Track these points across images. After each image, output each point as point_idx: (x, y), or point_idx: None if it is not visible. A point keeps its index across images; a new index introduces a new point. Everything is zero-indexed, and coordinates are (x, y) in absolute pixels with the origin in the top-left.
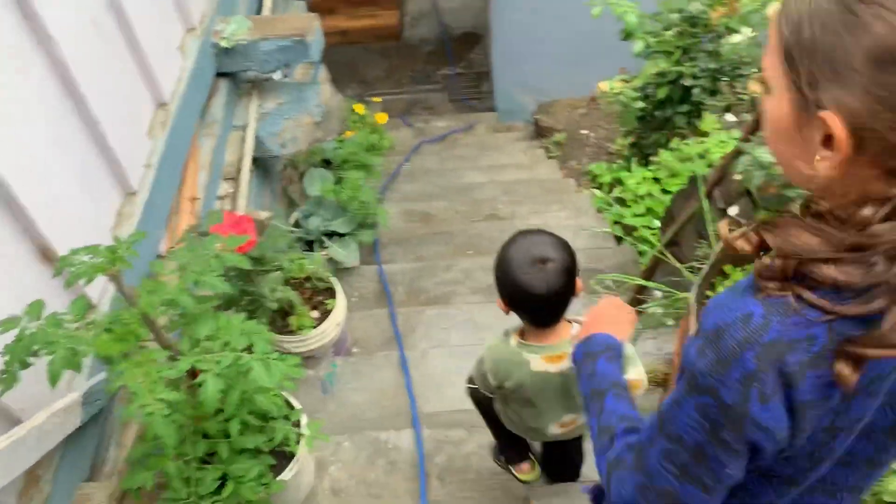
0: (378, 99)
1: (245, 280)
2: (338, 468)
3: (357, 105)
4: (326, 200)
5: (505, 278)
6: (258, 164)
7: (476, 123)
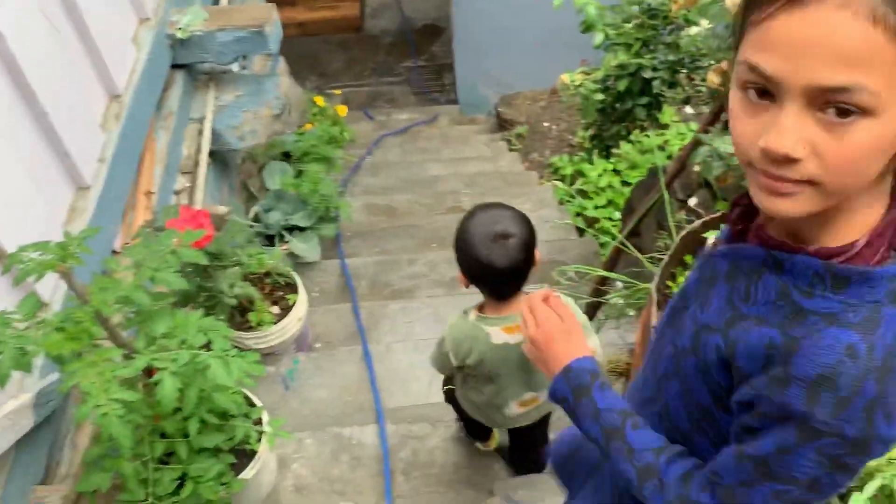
0: (338, 91)
1: (202, 276)
2: (300, 465)
3: (317, 97)
4: (286, 194)
5: (466, 254)
6: (216, 158)
7: (438, 116)
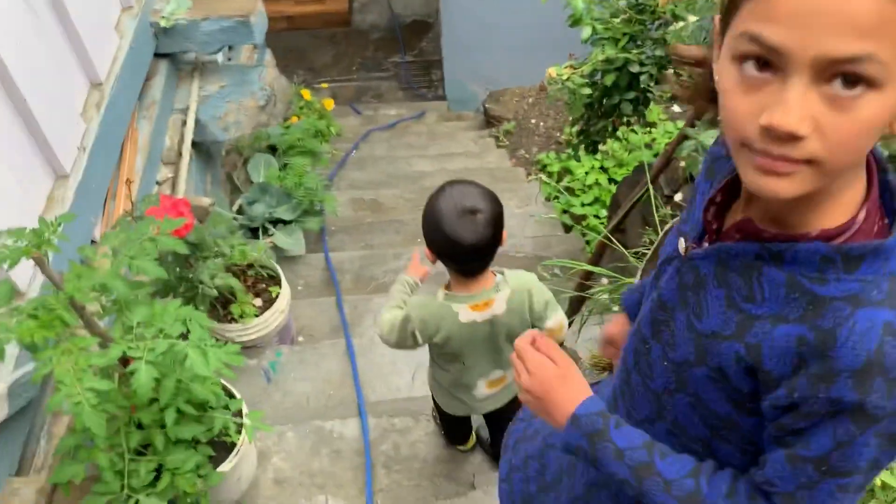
0: (326, 85)
1: (183, 266)
2: (281, 458)
3: (304, 91)
4: (271, 187)
5: (434, 229)
6: (200, 149)
7: (426, 112)
